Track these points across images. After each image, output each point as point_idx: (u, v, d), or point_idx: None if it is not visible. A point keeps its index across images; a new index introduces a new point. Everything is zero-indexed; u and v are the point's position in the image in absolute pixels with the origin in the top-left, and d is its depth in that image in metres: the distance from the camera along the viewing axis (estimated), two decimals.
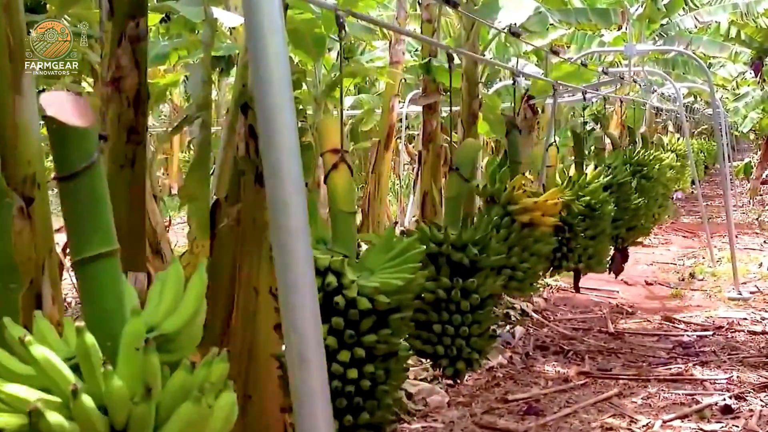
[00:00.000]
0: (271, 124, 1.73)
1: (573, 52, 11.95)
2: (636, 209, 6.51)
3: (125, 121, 2.76)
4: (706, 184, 23.33)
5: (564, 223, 4.92)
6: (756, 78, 19.44)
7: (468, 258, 3.47)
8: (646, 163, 7.17)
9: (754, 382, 5.94)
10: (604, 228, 5.41)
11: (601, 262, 5.56)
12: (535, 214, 4.19)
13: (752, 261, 11.04)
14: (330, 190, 2.75)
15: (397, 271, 2.67)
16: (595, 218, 5.27)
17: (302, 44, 5.92)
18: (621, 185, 6.22)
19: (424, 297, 3.34)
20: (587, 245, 5.23)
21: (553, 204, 4.34)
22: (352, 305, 2.55)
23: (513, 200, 4.18)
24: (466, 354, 3.50)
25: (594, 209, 5.28)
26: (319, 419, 1.78)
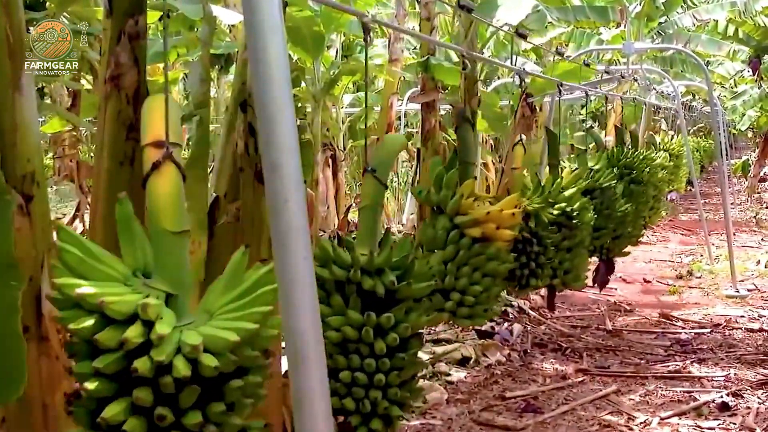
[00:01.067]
0: (271, 121, 1.73)
1: (572, 50, 11.97)
2: (622, 216, 6.04)
3: (124, 118, 2.76)
4: (704, 182, 23.35)
5: (532, 234, 4.42)
6: (754, 76, 19.45)
7: (384, 286, 2.71)
8: (636, 165, 6.68)
9: (752, 379, 5.95)
10: (582, 239, 4.88)
11: (579, 278, 4.97)
12: (488, 227, 3.67)
13: (750, 258, 11.06)
14: (149, 200, 1.94)
15: (239, 318, 1.83)
16: (571, 228, 4.74)
17: (301, 42, 5.93)
18: (604, 190, 5.72)
19: (329, 336, 2.65)
20: (563, 258, 4.74)
21: (510, 215, 3.75)
22: (164, 371, 1.67)
23: (462, 210, 3.67)
24: (382, 410, 2.73)
25: (571, 218, 4.73)
26: (319, 418, 1.78)
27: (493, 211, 3.69)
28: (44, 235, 2.25)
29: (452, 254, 3.65)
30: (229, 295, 1.91)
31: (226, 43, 5.95)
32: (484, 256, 3.68)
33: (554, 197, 4.71)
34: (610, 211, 5.81)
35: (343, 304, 2.76)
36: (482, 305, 3.74)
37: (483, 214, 3.64)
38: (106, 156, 2.78)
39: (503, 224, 3.72)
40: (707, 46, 15.07)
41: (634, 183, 6.60)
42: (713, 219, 14.85)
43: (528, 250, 4.42)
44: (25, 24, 2.21)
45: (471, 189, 3.71)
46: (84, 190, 8.38)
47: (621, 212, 5.97)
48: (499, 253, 3.76)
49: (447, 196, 3.72)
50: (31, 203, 2.19)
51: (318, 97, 7.76)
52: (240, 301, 1.87)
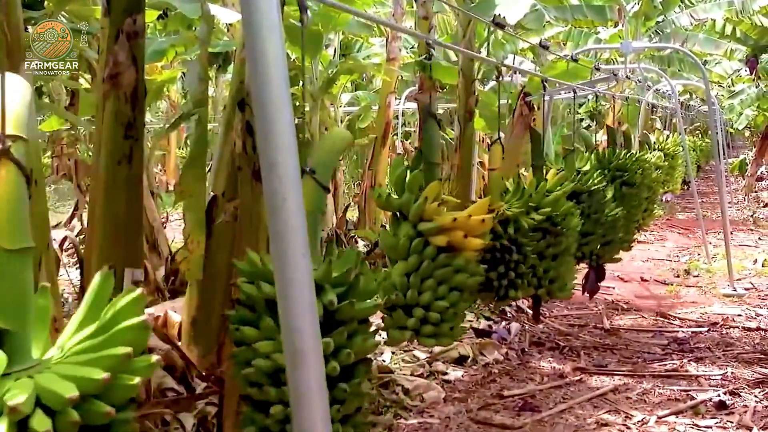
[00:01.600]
0: (269, 120, 1.74)
1: (569, 49, 11.97)
2: (613, 221, 5.71)
3: (122, 117, 2.77)
4: (701, 181, 23.37)
5: (511, 242, 4.12)
6: (751, 75, 19.49)
7: (322, 306, 2.33)
8: (628, 166, 6.34)
9: (749, 378, 5.96)
10: (568, 245, 4.59)
11: (565, 287, 4.65)
12: (455, 235, 3.32)
13: (747, 257, 11.08)
14: None
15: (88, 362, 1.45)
16: (556, 234, 4.47)
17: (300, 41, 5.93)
18: (593, 193, 5.43)
19: (258, 365, 2.33)
20: (548, 267, 4.46)
21: (479, 221, 3.39)
22: None
23: (426, 216, 3.32)
24: None
25: (555, 223, 4.45)
26: (316, 414, 1.78)
27: (461, 218, 3.33)
28: (42, 233, 2.25)
29: (415, 265, 3.31)
30: (83, 330, 1.55)
31: (224, 41, 5.96)
32: (450, 267, 3.33)
33: (538, 201, 4.41)
34: (599, 216, 5.52)
35: (275, 326, 2.30)
36: (448, 323, 3.37)
37: (449, 220, 3.29)
38: (104, 155, 2.79)
39: (472, 232, 3.37)
40: (705, 45, 15.10)
41: (626, 185, 6.32)
42: (710, 218, 14.87)
43: (507, 259, 4.13)
44: (23, 23, 2.21)
45: (436, 192, 3.35)
46: (82, 188, 8.39)
47: (611, 216, 5.66)
48: (467, 264, 3.39)
49: (409, 200, 3.36)
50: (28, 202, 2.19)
51: (316, 95, 7.76)
52: (94, 340, 1.51)
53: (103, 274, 1.59)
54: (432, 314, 3.30)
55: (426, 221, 3.32)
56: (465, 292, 3.46)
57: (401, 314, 3.36)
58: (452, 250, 3.35)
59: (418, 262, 3.32)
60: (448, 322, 3.38)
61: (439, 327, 3.34)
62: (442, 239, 3.30)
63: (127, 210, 2.84)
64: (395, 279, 3.34)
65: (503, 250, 4.11)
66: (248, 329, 2.36)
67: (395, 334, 3.39)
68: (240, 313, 2.43)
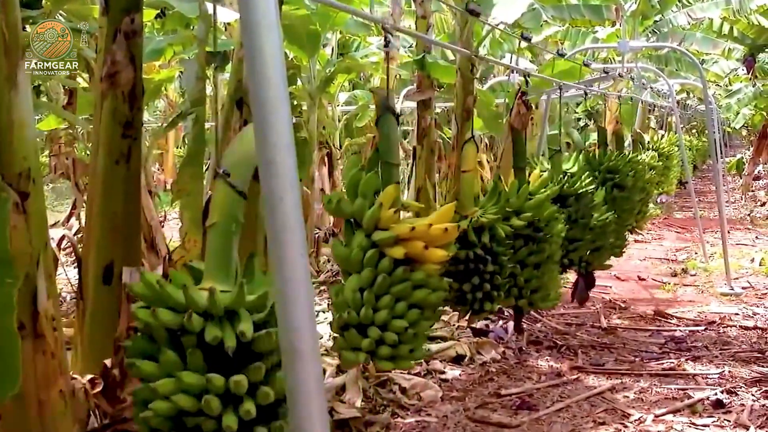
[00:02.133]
0: (266, 119, 1.74)
1: (567, 48, 11.97)
2: (603, 226, 5.42)
3: (120, 116, 2.77)
4: (698, 180, 23.39)
5: (485, 251, 3.84)
6: (748, 74, 19.54)
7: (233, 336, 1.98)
8: (619, 168, 6.08)
9: (746, 376, 5.96)
10: (552, 253, 4.34)
11: (548, 297, 4.42)
12: (414, 246, 2.96)
13: (744, 256, 11.09)
14: None
15: None
16: (539, 241, 4.23)
17: (297, 40, 5.94)
18: (580, 197, 5.13)
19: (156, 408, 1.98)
20: (530, 276, 4.22)
21: (441, 230, 3.02)
22: None
23: (381, 224, 2.98)
24: None
25: (538, 229, 4.22)
26: (314, 415, 1.79)
27: (420, 227, 2.97)
28: (40, 232, 2.25)
29: (369, 280, 2.95)
30: None
31: (222, 40, 5.95)
32: (409, 282, 2.97)
33: (519, 205, 4.17)
34: (587, 221, 5.23)
35: (178, 361, 1.99)
36: (407, 344, 3.02)
37: (406, 229, 2.93)
38: (102, 154, 2.79)
39: (433, 242, 3.01)
40: (702, 44, 15.13)
41: (617, 188, 6.06)
42: (708, 217, 14.88)
43: (481, 270, 3.84)
44: (21, 22, 2.21)
45: (393, 197, 3.00)
46: (80, 187, 8.38)
47: (601, 221, 5.38)
48: (428, 278, 3.03)
49: (363, 206, 3.00)
50: (27, 201, 2.19)
51: (314, 95, 7.77)
52: None
53: None
54: (389, 335, 2.95)
55: (381, 230, 2.95)
56: (426, 310, 3.07)
57: (355, 334, 3.01)
58: (412, 262, 2.99)
59: (373, 277, 2.94)
60: (407, 344, 3.02)
61: (398, 349, 2.98)
62: (398, 251, 2.94)
63: (124, 209, 2.84)
64: (348, 295, 2.99)
65: (477, 260, 3.84)
66: (146, 364, 2.02)
67: (348, 356, 3.06)
68: (137, 344, 2.08)
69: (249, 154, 2.11)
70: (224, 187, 2.12)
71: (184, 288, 2.02)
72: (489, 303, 3.90)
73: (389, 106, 3.13)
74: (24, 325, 2.19)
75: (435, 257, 3.00)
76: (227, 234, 2.16)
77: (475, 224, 3.84)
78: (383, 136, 3.13)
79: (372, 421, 4.87)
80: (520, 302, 4.29)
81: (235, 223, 2.16)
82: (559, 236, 4.41)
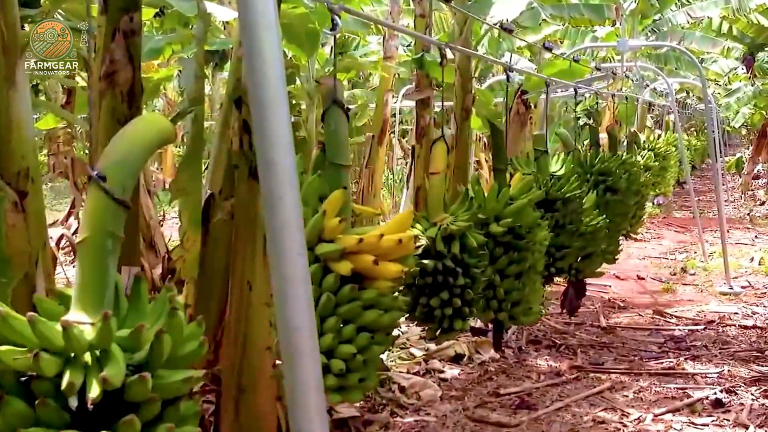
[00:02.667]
0: (265, 118, 1.74)
1: (566, 47, 11.99)
2: (593, 232, 5.08)
3: (119, 115, 2.76)
4: (697, 179, 23.40)
5: (456, 263, 3.47)
6: (748, 73, 19.54)
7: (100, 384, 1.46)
8: (612, 170, 5.74)
9: (745, 376, 5.97)
10: (534, 263, 4.00)
11: (530, 311, 4.08)
12: (362, 261, 2.57)
13: (743, 256, 11.10)
14: None
15: None
16: (520, 249, 3.89)
17: (296, 39, 5.92)
18: (568, 201, 4.78)
19: None
20: (510, 287, 3.88)
21: (394, 242, 2.61)
22: None
23: (326, 235, 2.59)
24: None
25: (519, 236, 3.89)
26: (313, 413, 1.78)
27: (369, 238, 2.57)
28: (39, 231, 2.25)
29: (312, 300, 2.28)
30: None
31: (220, 39, 5.94)
32: (358, 302, 2.58)
33: (498, 210, 3.85)
34: (576, 227, 4.89)
35: (30, 413, 1.52)
36: (357, 373, 2.62)
37: (353, 242, 2.55)
38: (100, 153, 2.79)
39: (387, 255, 2.62)
40: (701, 43, 15.14)
41: (610, 191, 5.72)
42: (707, 216, 14.89)
43: (451, 284, 3.47)
44: (19, 21, 2.21)
45: (340, 203, 2.62)
46: (79, 186, 8.39)
47: (591, 227, 5.04)
48: (380, 298, 2.63)
49: (305, 214, 2.51)
50: (25, 200, 2.19)
51: (312, 94, 7.76)
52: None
53: None
54: (335, 362, 2.55)
55: (326, 242, 2.58)
56: (378, 333, 2.66)
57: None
58: (362, 279, 2.61)
59: (316, 296, 2.49)
60: (357, 372, 2.62)
61: (345, 378, 2.59)
62: (345, 266, 2.54)
63: None
64: None
65: (446, 273, 3.46)
66: None
67: None
68: None
69: (132, 155, 1.72)
70: (98, 194, 1.65)
71: (31, 320, 1.51)
72: (460, 321, 3.51)
73: (337, 99, 2.66)
74: None
75: (387, 273, 2.59)
76: (101, 252, 1.67)
77: (444, 233, 3.48)
78: (330, 133, 2.68)
79: (371, 420, 4.87)
80: (500, 316, 3.93)
81: (112, 239, 1.68)
82: (542, 244, 4.04)
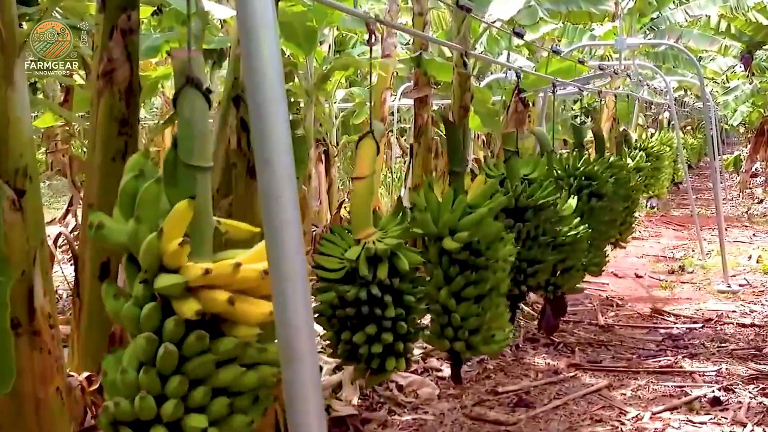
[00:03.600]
0: (263, 116, 1.74)
1: (564, 45, 11.98)
2: (573, 243, 4.43)
3: (117, 113, 2.76)
4: (695, 177, 23.42)
5: (383, 290, 2.84)
6: (746, 71, 19.56)
7: None
8: (597, 174, 5.11)
9: (743, 374, 5.97)
10: (496, 283, 3.33)
11: (492, 339, 3.39)
12: (213, 299, 1.79)
13: (742, 254, 11.10)
14: None
15: None
16: (479, 268, 3.25)
17: (294, 37, 5.92)
18: (540, 209, 4.12)
19: None
20: (467, 313, 3.25)
21: (259, 273, 1.84)
22: None
23: (168, 263, 1.80)
24: None
25: (478, 253, 3.24)
26: (311, 412, 1.78)
27: (221, 267, 1.81)
28: (37, 229, 2.24)
29: (148, 352, 1.80)
30: None
31: (218, 38, 5.95)
32: (210, 356, 1.81)
33: (453, 222, 3.24)
34: (551, 238, 4.24)
35: None
36: None
37: (198, 272, 1.78)
38: (98, 151, 2.79)
39: (254, 290, 1.86)
40: (699, 41, 15.14)
41: (595, 197, 5.07)
42: (705, 214, 14.90)
43: (378, 316, 2.86)
44: (17, 19, 2.20)
45: (186, 218, 1.81)
46: (77, 185, 8.38)
47: (570, 237, 4.40)
48: (242, 350, 1.85)
49: (136, 233, 1.83)
50: (23, 198, 2.19)
51: (311, 92, 7.76)
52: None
53: None
54: None
55: (168, 272, 1.80)
56: (242, 398, 1.89)
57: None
58: (219, 322, 1.84)
59: (154, 347, 1.79)
60: None
61: None
62: (189, 306, 1.77)
63: None
64: (118, 375, 1.84)
65: (372, 303, 2.86)
66: None
67: None
68: None
69: None
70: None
71: None
72: (393, 359, 2.93)
73: (192, 77, 1.81)
74: (20, 322, 2.19)
75: (250, 315, 1.84)
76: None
77: (368, 253, 2.87)
78: (183, 123, 1.84)
79: (369, 419, 4.87)
80: (456, 345, 3.31)
81: None
82: (506, 261, 3.40)
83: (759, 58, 19.80)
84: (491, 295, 3.34)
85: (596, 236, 5.12)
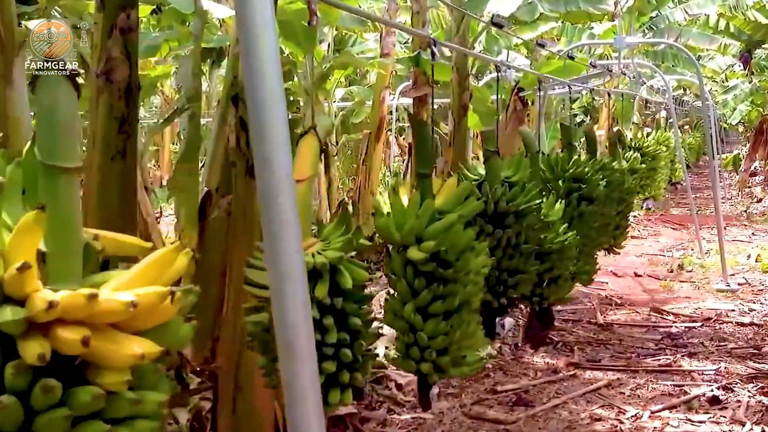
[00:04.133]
0: (262, 115, 1.74)
1: (563, 44, 11.98)
2: (560, 251, 4.12)
3: (116, 112, 2.76)
4: (695, 176, 23.42)
5: (324, 311, 2.40)
6: (745, 70, 19.57)
7: None
8: (588, 176, 4.76)
9: (742, 373, 5.98)
10: (467, 297, 2.97)
11: (463, 360, 3.05)
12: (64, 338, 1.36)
13: (741, 253, 11.10)
14: None
15: None
16: (447, 281, 2.89)
17: (293, 36, 5.91)
18: (522, 214, 3.72)
19: None
20: (435, 331, 2.90)
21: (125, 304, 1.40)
22: None
23: (11, 292, 1.38)
24: None
25: (446, 264, 2.87)
26: (310, 411, 1.79)
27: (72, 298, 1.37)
28: None
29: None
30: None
31: (217, 37, 5.95)
32: (64, 411, 1.40)
33: (418, 230, 2.89)
34: (533, 246, 3.86)
35: None
36: None
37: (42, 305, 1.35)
38: (98, 150, 2.79)
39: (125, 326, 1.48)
40: (698, 40, 15.15)
41: (585, 201, 4.74)
42: (704, 213, 14.90)
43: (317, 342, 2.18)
44: (16, 18, 2.21)
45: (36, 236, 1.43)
46: None
47: (557, 244, 4.09)
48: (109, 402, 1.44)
49: None
50: None
51: (310, 91, 7.76)
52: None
53: None
54: None
55: (13, 304, 1.39)
56: None
57: None
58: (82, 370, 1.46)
59: None
60: None
61: None
62: (32, 348, 1.36)
63: (120, 205, 2.83)
64: None
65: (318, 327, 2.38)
66: None
67: None
68: None
69: None
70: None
71: None
72: (337, 391, 2.46)
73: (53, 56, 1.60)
74: None
75: (114, 358, 1.44)
76: None
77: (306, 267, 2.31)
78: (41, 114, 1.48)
79: (368, 418, 4.87)
80: (423, 367, 2.98)
81: None
82: (478, 273, 3.04)
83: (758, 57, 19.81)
84: (461, 311, 2.97)
85: (586, 243, 4.80)
